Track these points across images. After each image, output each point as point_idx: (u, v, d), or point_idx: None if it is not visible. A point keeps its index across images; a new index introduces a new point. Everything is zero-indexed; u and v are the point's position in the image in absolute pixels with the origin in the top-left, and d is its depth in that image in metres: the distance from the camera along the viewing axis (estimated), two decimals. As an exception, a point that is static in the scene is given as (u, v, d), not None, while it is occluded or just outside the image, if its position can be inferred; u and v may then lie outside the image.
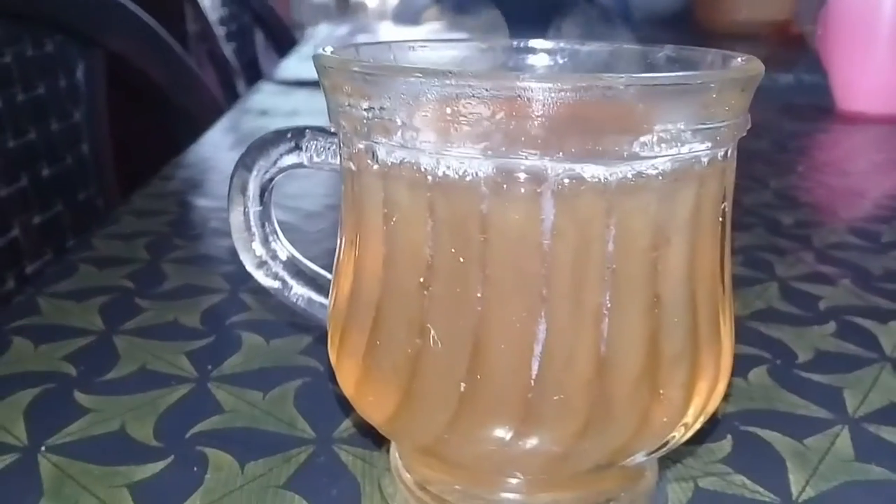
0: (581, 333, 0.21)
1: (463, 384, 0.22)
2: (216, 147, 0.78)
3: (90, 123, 0.90)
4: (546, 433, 0.22)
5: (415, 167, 0.21)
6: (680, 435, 0.24)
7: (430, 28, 1.92)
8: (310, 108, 0.99)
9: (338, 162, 0.26)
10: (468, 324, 0.21)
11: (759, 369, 0.36)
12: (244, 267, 0.29)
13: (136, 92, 1.00)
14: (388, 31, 1.91)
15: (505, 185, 0.20)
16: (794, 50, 1.46)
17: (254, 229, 0.29)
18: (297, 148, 0.28)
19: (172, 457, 0.29)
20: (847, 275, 0.47)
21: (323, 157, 0.27)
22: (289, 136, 0.27)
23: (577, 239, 0.21)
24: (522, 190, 0.20)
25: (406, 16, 2.02)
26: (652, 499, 0.27)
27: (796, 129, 0.90)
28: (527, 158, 0.20)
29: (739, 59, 0.24)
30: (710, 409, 0.24)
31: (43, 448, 0.30)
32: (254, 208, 0.29)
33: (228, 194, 0.29)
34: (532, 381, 0.21)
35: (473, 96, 0.19)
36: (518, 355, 0.21)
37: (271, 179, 0.29)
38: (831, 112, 0.96)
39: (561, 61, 0.29)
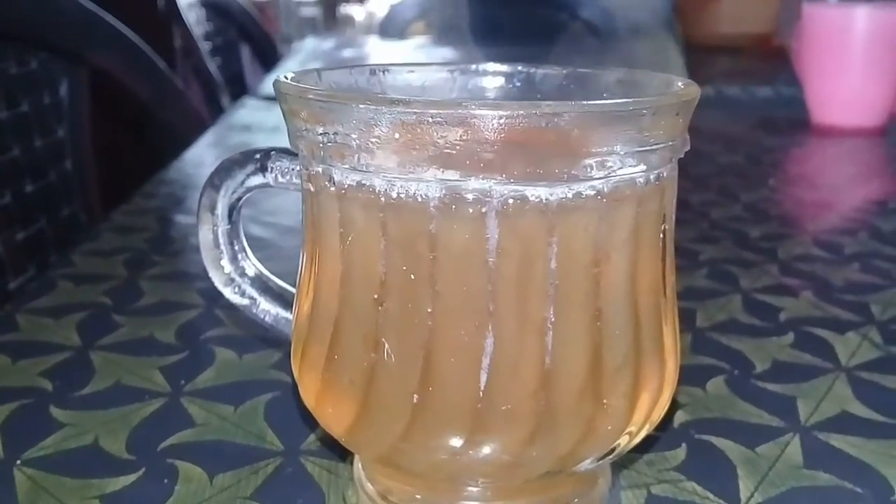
0: (526, 346, 0.22)
1: (416, 395, 0.23)
2: (198, 163, 0.79)
3: (73, 140, 0.91)
4: (495, 441, 0.23)
5: (368, 189, 0.22)
6: (626, 442, 0.25)
7: (416, 42, 1.94)
8: (292, 124, 1.00)
9: (298, 183, 0.27)
10: (420, 338, 0.22)
11: (716, 379, 0.37)
12: (213, 283, 0.30)
13: (119, 108, 1.01)
14: (374, 45, 1.93)
15: (452, 206, 0.21)
16: (774, 63, 1.49)
17: (222, 247, 0.30)
18: (263, 169, 0.29)
19: (143, 469, 0.30)
20: (809, 286, 0.49)
21: (287, 177, 0.28)
22: (256, 157, 0.29)
23: (520, 257, 0.22)
24: (468, 210, 0.21)
25: (392, 29, 2.03)
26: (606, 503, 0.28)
27: (771, 143, 0.92)
28: (472, 181, 0.21)
29: (680, 84, 0.25)
30: (656, 418, 0.25)
31: (18, 461, 0.31)
32: (223, 227, 0.30)
33: (197, 213, 0.30)
34: (480, 392, 0.22)
35: (422, 123, 0.20)
36: (467, 368, 0.22)
37: (239, 199, 0.30)
38: (806, 125, 0.97)
39: (517, 84, 0.31)
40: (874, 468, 0.31)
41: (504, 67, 0.31)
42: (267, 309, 0.30)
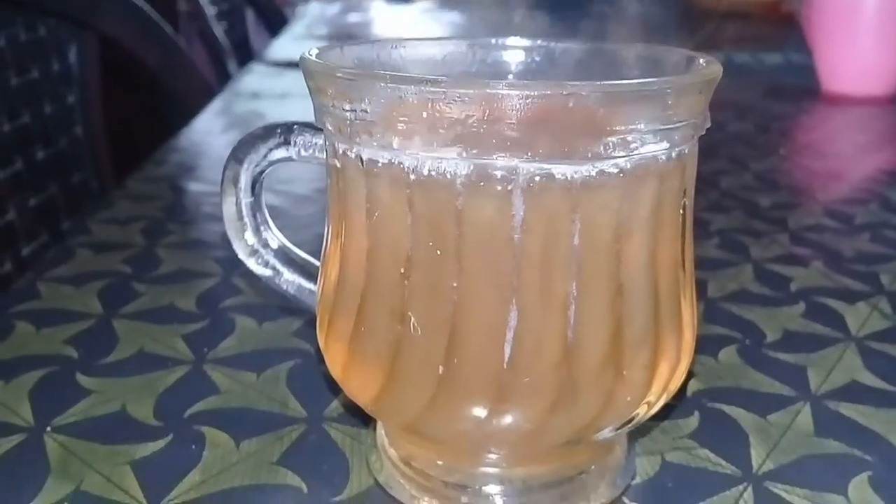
0: (549, 320, 0.23)
1: (441, 367, 0.23)
2: (208, 131, 0.79)
3: (83, 106, 0.91)
4: (518, 412, 0.24)
5: (395, 166, 0.23)
6: (644, 412, 0.25)
7: (422, 6, 1.92)
8: (301, 91, 0.99)
9: (324, 157, 0.27)
10: (445, 312, 0.23)
11: (728, 349, 0.38)
12: (237, 254, 0.31)
13: (127, 75, 1.01)
14: (379, 9, 1.91)
15: (479, 184, 0.22)
16: (783, 29, 1.47)
17: (246, 219, 0.31)
18: (286, 143, 0.29)
19: (171, 435, 0.31)
20: (819, 256, 0.49)
21: (310, 151, 0.29)
22: (278, 131, 0.29)
23: (545, 233, 0.22)
24: (495, 188, 0.22)
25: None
26: (621, 471, 0.29)
27: (780, 111, 0.91)
28: (499, 159, 0.21)
29: (701, 61, 0.25)
30: (673, 387, 0.26)
31: (48, 428, 0.31)
32: (246, 199, 0.30)
33: (221, 186, 0.30)
34: (504, 365, 0.23)
35: (449, 102, 0.21)
36: (491, 341, 0.23)
37: (262, 172, 0.30)
38: (816, 93, 0.97)
39: (537, 59, 0.31)
40: (883, 436, 0.31)
41: (524, 41, 0.31)
42: (290, 280, 0.31)
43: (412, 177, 0.22)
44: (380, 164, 0.23)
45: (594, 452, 0.28)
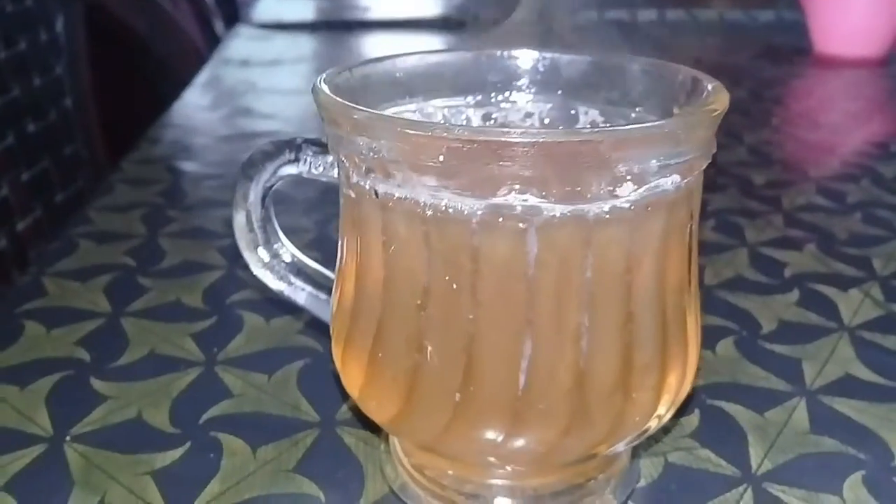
0: (562, 350, 0.24)
1: (458, 394, 0.24)
2: (199, 106, 0.79)
3: (72, 76, 0.90)
4: (532, 436, 0.25)
5: (412, 202, 0.23)
6: (655, 425, 0.26)
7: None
8: (291, 56, 0.99)
9: (334, 174, 0.28)
10: (461, 342, 0.24)
11: (725, 341, 0.39)
12: (250, 268, 0.31)
13: (115, 42, 0.99)
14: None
15: (494, 223, 0.22)
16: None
17: (257, 232, 0.31)
18: (296, 160, 0.29)
19: (189, 443, 0.32)
20: (813, 239, 0.50)
21: (320, 169, 0.29)
22: (287, 150, 0.29)
23: (558, 268, 0.23)
24: (510, 226, 0.22)
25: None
26: (626, 476, 0.30)
27: (773, 75, 0.91)
28: (514, 201, 0.22)
29: (708, 87, 0.26)
30: (681, 399, 0.27)
31: (68, 438, 0.32)
32: (256, 214, 0.31)
33: (233, 201, 0.31)
34: (519, 393, 0.24)
35: (466, 148, 0.21)
36: (506, 370, 0.24)
37: (271, 187, 0.30)
38: (809, 54, 0.97)
39: (541, 71, 0.31)
40: (876, 433, 0.33)
41: (529, 54, 0.31)
42: (304, 292, 0.31)
43: (428, 213, 0.23)
44: (396, 200, 0.23)
45: (602, 461, 0.29)
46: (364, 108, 0.23)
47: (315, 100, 0.25)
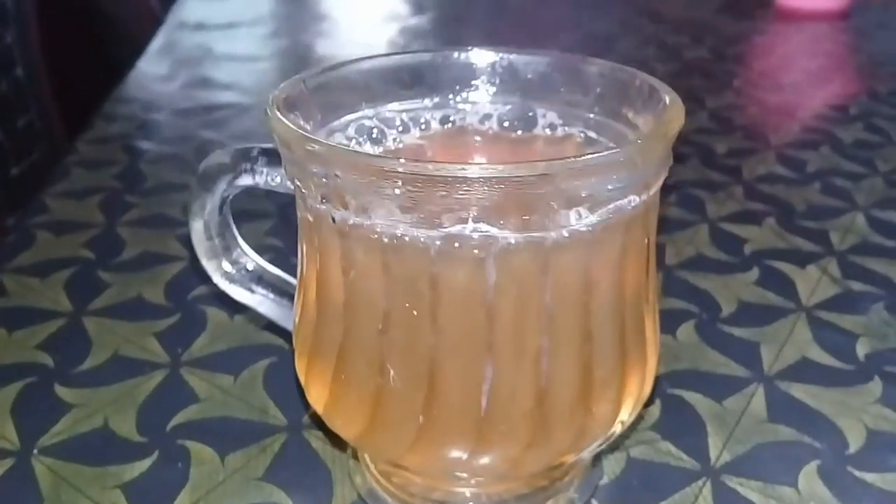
0: (523, 372, 0.24)
1: (421, 416, 0.24)
2: (155, 76, 0.77)
3: (22, 44, 0.87)
4: (495, 454, 0.25)
5: (369, 230, 0.23)
6: (618, 430, 0.27)
7: None
8: (248, 18, 0.97)
9: (291, 187, 0.27)
10: (423, 366, 0.24)
11: (686, 325, 0.40)
12: (210, 277, 0.31)
13: (65, 6, 0.96)
14: None
15: (452, 251, 0.22)
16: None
17: (216, 242, 0.31)
18: (252, 171, 0.29)
19: (157, 452, 0.32)
20: (772, 212, 0.51)
21: (278, 180, 0.29)
22: (243, 161, 0.29)
23: (517, 294, 0.23)
24: (469, 254, 0.22)
25: None
26: (590, 475, 0.31)
27: (734, 32, 0.91)
28: (472, 229, 0.22)
29: (666, 98, 0.26)
30: (642, 401, 0.28)
31: (35, 451, 0.32)
32: (213, 222, 0.30)
33: (189, 211, 0.30)
34: (482, 414, 0.24)
35: (423, 181, 0.21)
36: (468, 393, 0.24)
37: (228, 197, 0.30)
38: (771, 6, 0.97)
39: (500, 72, 0.31)
40: (831, 420, 0.34)
41: (487, 54, 0.31)
42: (265, 300, 0.31)
43: (387, 241, 0.23)
44: (354, 227, 0.23)
45: (566, 464, 0.30)
46: (318, 140, 0.23)
47: (267, 123, 0.25)
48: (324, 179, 0.23)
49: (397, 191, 0.21)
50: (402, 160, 0.21)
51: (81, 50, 0.99)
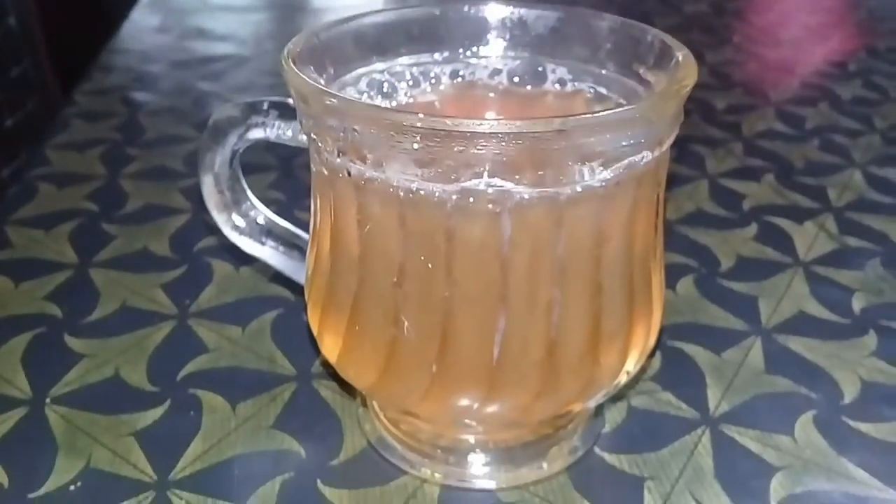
0: (535, 323, 0.24)
1: (434, 365, 0.25)
2: (149, 27, 0.76)
3: (12, -7, 0.86)
4: (506, 402, 0.26)
5: (386, 184, 0.23)
6: (624, 380, 0.28)
7: None
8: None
9: (302, 139, 0.28)
10: (437, 317, 0.24)
11: (686, 279, 0.41)
12: (221, 230, 0.31)
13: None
14: None
15: (468, 205, 0.23)
16: None
17: (227, 195, 0.31)
18: (262, 125, 0.29)
19: (169, 401, 0.33)
20: (771, 168, 0.51)
21: (289, 134, 0.29)
22: (254, 114, 0.29)
23: (531, 247, 0.23)
24: (483, 209, 0.23)
25: None
26: (592, 423, 0.31)
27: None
28: (487, 184, 0.22)
29: (679, 56, 0.26)
30: (647, 353, 0.28)
31: (48, 400, 0.33)
32: (224, 176, 0.31)
33: (199, 164, 0.30)
34: (494, 363, 0.25)
35: (439, 137, 0.21)
36: (481, 343, 0.25)
37: (238, 150, 0.30)
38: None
39: (510, 26, 0.31)
40: (827, 372, 0.35)
41: (498, 8, 0.31)
42: (275, 253, 0.32)
43: (403, 195, 0.23)
44: (371, 180, 0.23)
45: (571, 413, 0.30)
46: (337, 94, 0.23)
47: (284, 76, 0.25)
48: (341, 133, 0.23)
49: (415, 145, 0.22)
50: (420, 115, 0.21)
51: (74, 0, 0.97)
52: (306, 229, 0.32)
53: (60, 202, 0.46)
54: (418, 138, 0.22)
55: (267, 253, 0.32)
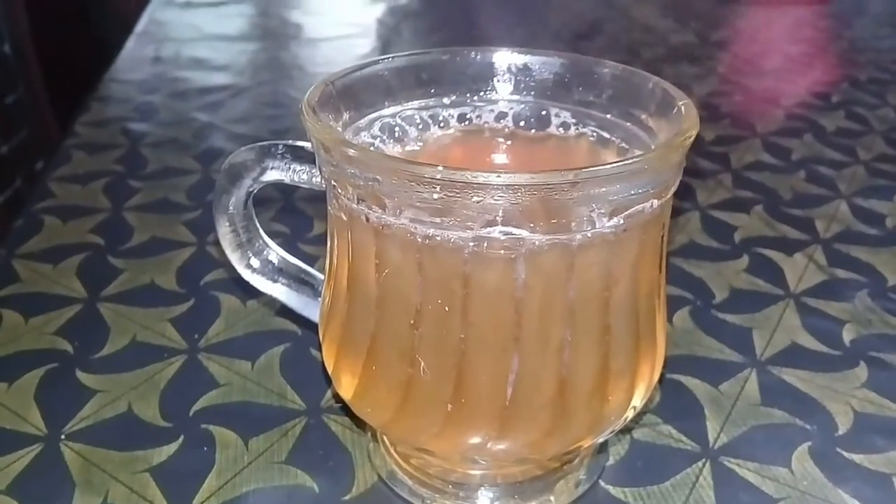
0: (546, 363, 0.25)
1: (449, 405, 0.26)
2: (146, 57, 0.77)
3: (9, 21, 0.87)
4: (517, 440, 0.27)
5: (405, 231, 0.24)
6: (631, 415, 0.29)
7: None
8: (236, -3, 0.96)
9: (317, 181, 0.29)
10: (453, 359, 0.25)
11: (682, 311, 0.42)
12: (237, 271, 0.32)
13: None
14: None
15: (484, 252, 0.24)
16: None
17: (241, 235, 0.32)
18: (279, 168, 0.30)
19: (182, 437, 0.33)
20: (760, 199, 0.53)
21: (305, 177, 0.30)
22: (269, 158, 0.30)
23: (543, 290, 0.25)
24: (499, 255, 0.24)
25: None
26: (597, 457, 0.32)
27: (719, 16, 0.93)
28: (503, 232, 0.23)
29: (680, 105, 0.27)
30: (651, 389, 0.29)
31: (63, 436, 0.33)
32: (239, 219, 0.31)
33: (215, 205, 0.31)
34: (507, 402, 0.26)
35: (458, 188, 0.22)
36: (495, 383, 0.25)
37: (252, 192, 0.31)
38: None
39: (515, 72, 0.32)
40: (820, 403, 0.36)
41: (505, 54, 0.32)
42: (289, 292, 0.32)
43: (419, 240, 0.24)
44: (389, 226, 0.24)
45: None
46: (358, 146, 0.24)
47: (305, 125, 0.26)
48: (360, 182, 0.24)
49: (434, 195, 0.23)
50: (440, 167, 0.22)
51: (69, 27, 0.98)
52: (312, 264, 0.33)
53: (66, 236, 0.47)
54: (438, 189, 0.23)
55: (280, 290, 0.33)
